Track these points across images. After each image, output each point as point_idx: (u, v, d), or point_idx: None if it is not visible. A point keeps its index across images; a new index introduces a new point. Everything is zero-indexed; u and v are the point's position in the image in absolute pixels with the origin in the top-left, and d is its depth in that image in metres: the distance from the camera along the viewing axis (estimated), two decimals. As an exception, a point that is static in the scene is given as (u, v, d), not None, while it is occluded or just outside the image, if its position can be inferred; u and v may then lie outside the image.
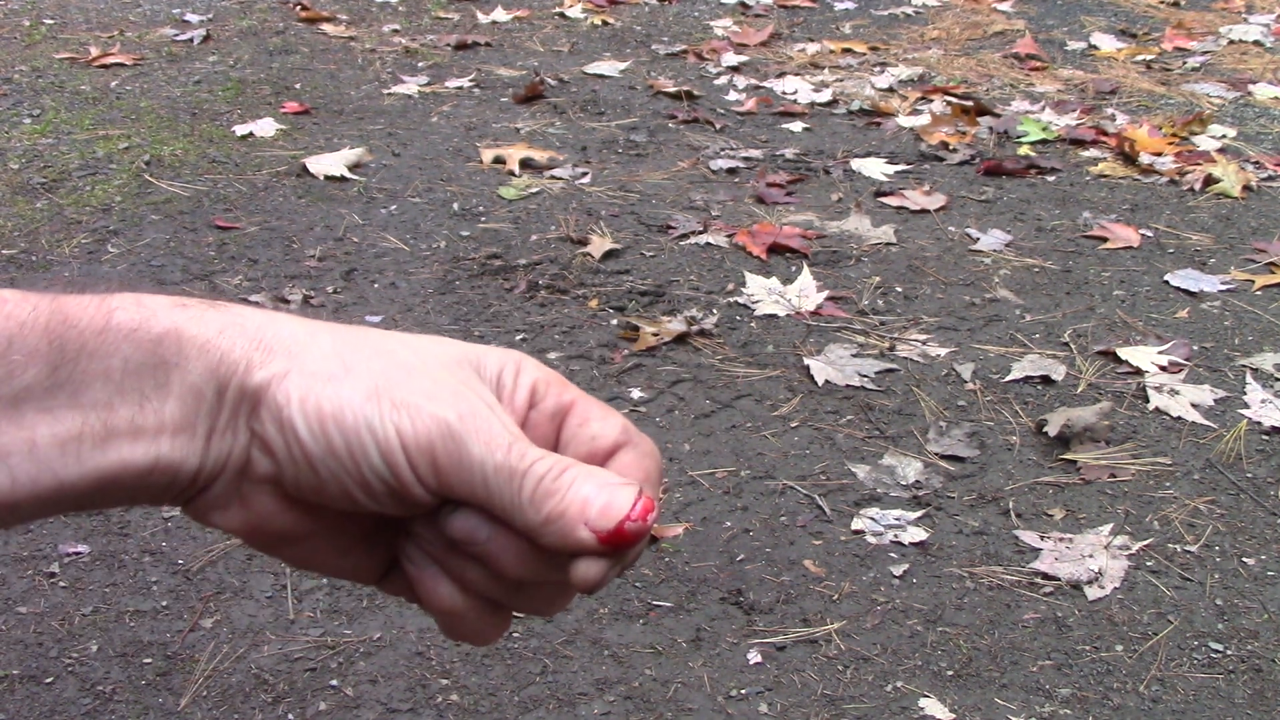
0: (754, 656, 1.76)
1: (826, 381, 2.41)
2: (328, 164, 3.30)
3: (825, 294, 2.72)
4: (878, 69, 4.34)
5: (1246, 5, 5.23)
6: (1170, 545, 2.00)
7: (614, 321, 2.61)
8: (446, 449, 0.47)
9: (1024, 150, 3.60)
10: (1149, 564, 1.96)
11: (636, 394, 2.36)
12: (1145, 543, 2.00)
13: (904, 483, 2.13)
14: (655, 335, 2.53)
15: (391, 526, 0.52)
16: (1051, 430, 2.23)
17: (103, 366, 0.45)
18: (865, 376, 2.42)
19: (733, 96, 4.02)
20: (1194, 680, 1.74)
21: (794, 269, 2.83)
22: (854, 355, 2.50)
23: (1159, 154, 3.54)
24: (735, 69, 4.31)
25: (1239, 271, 2.90)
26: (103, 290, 0.46)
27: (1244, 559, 1.98)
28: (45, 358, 0.44)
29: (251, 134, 3.53)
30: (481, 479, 0.47)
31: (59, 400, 0.44)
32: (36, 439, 0.44)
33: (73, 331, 0.44)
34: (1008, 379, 2.44)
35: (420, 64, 4.24)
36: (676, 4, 5.11)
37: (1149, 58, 4.54)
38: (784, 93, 4.07)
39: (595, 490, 0.47)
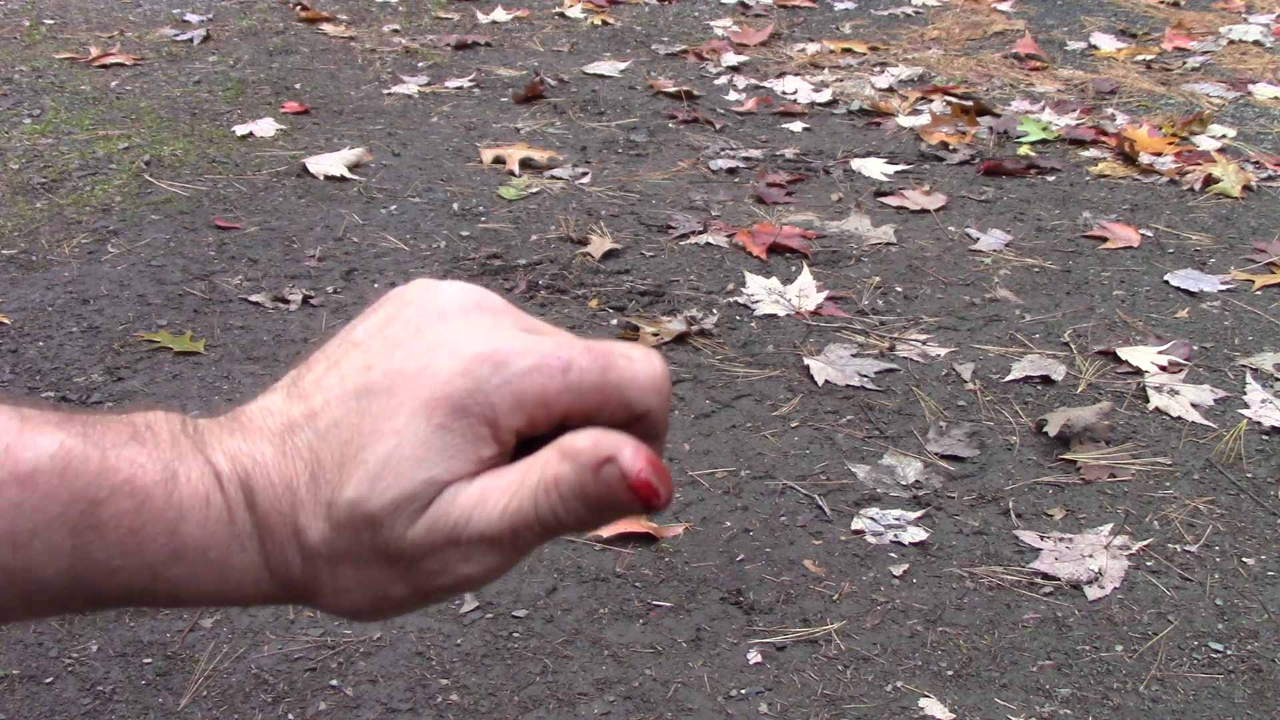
0: (754, 656, 1.76)
1: (826, 381, 2.41)
2: (328, 164, 3.30)
3: (825, 294, 2.72)
4: (878, 69, 4.34)
5: (1246, 5, 5.23)
6: (1170, 545, 2.01)
7: (614, 321, 2.61)
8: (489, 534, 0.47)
9: (1024, 150, 3.60)
10: (1149, 564, 1.96)
11: (636, 394, 2.36)
12: (1145, 543, 2.00)
13: (904, 483, 2.13)
14: (655, 335, 2.53)
15: None
16: (1051, 430, 2.23)
17: (125, 582, 0.45)
18: (865, 376, 2.43)
19: (733, 96, 4.02)
20: (1194, 680, 1.74)
21: (794, 269, 2.83)
22: (854, 355, 2.50)
23: (1159, 154, 3.54)
24: (735, 69, 4.31)
25: (1239, 271, 2.90)
26: (138, 482, 0.44)
27: (1244, 559, 1.98)
28: (68, 558, 0.43)
29: (251, 134, 3.53)
30: (528, 532, 0.47)
31: (75, 597, 0.45)
32: (37, 613, 0.45)
33: (98, 544, 0.44)
34: (1008, 379, 2.44)
35: (420, 64, 4.24)
36: (676, 4, 5.11)
37: (1149, 58, 4.54)
38: (784, 93, 4.07)
39: (593, 484, 0.45)
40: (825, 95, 4.02)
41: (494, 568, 0.47)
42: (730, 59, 4.39)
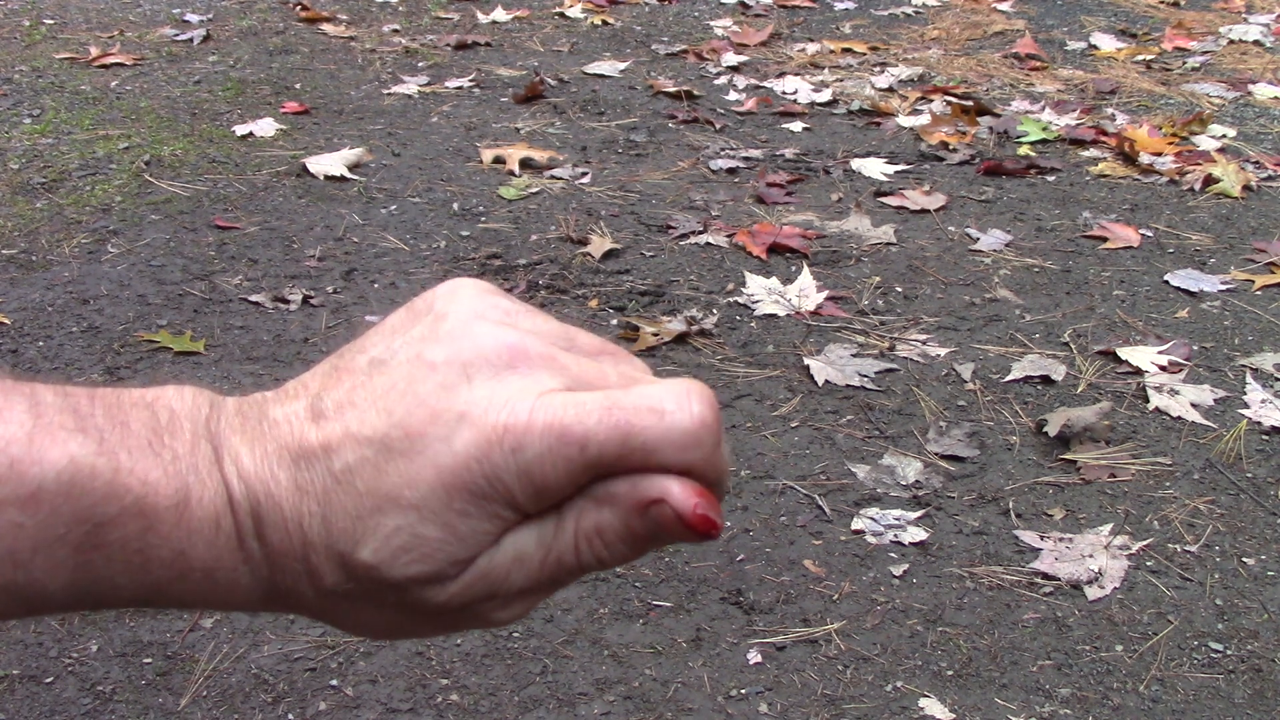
0: (754, 656, 1.76)
1: (826, 381, 2.41)
2: (328, 164, 3.30)
3: (825, 294, 2.72)
4: (878, 69, 4.34)
5: (1246, 5, 5.23)
6: (1170, 545, 2.01)
7: (614, 321, 2.61)
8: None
9: (1024, 150, 3.60)
10: (1149, 564, 1.96)
11: (636, 394, 2.36)
12: (1145, 543, 2.00)
13: (904, 483, 2.13)
14: (655, 335, 2.53)
15: None
16: (1051, 430, 2.23)
17: (130, 595, 0.44)
18: (865, 376, 2.43)
19: (733, 96, 4.02)
20: (1194, 680, 1.74)
21: (794, 269, 2.83)
22: (854, 355, 2.50)
23: (1159, 154, 3.54)
24: (735, 69, 4.31)
25: (1239, 271, 2.90)
26: (147, 503, 0.43)
27: (1244, 559, 1.98)
28: (70, 573, 0.43)
29: (251, 134, 3.53)
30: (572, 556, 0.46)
31: (78, 604, 0.44)
32: (39, 615, 0.45)
33: (101, 563, 0.43)
34: (1008, 379, 2.44)
35: (420, 64, 4.24)
36: (676, 4, 5.11)
37: (1149, 58, 4.54)
38: (784, 93, 4.07)
39: (641, 526, 0.44)
40: (825, 95, 4.02)
41: (529, 608, 0.47)
42: (730, 59, 4.39)
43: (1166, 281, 2.85)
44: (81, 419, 0.43)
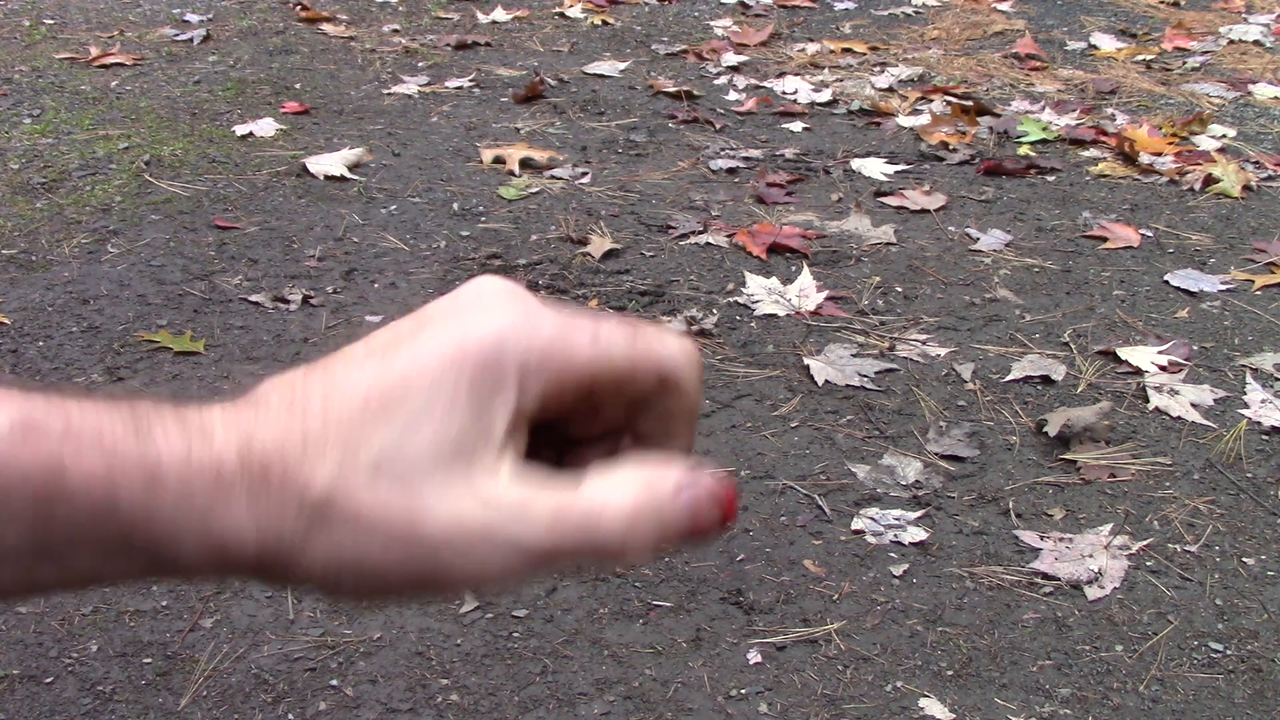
0: (754, 656, 1.76)
1: (826, 381, 2.41)
2: (328, 164, 3.30)
3: (825, 294, 2.72)
4: (878, 69, 4.34)
5: (1246, 5, 5.23)
6: (1170, 545, 2.01)
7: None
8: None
9: (1024, 150, 3.60)
10: (1149, 564, 1.96)
11: (636, 394, 2.35)
12: (1145, 543, 2.00)
13: (904, 483, 2.13)
14: (655, 335, 2.53)
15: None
16: (1051, 430, 2.23)
17: (95, 544, 0.43)
18: (865, 376, 2.43)
19: (733, 96, 4.02)
20: (1194, 680, 1.74)
21: (794, 269, 2.83)
22: (854, 355, 2.50)
23: (1159, 154, 3.54)
24: (735, 69, 4.31)
25: (1239, 271, 2.90)
26: (106, 442, 0.42)
27: (1244, 559, 1.98)
28: (29, 524, 0.41)
29: (251, 134, 3.53)
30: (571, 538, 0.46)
31: (42, 564, 0.43)
32: (3, 583, 0.43)
33: (62, 507, 0.42)
34: (1008, 379, 2.44)
35: (420, 64, 4.24)
36: (676, 4, 5.11)
37: (1149, 58, 4.54)
38: (784, 93, 4.07)
39: (659, 516, 0.45)
40: (825, 95, 4.02)
41: (512, 578, 0.46)
42: (730, 59, 4.39)
43: (1166, 281, 2.85)
44: (27, 394, 0.43)
